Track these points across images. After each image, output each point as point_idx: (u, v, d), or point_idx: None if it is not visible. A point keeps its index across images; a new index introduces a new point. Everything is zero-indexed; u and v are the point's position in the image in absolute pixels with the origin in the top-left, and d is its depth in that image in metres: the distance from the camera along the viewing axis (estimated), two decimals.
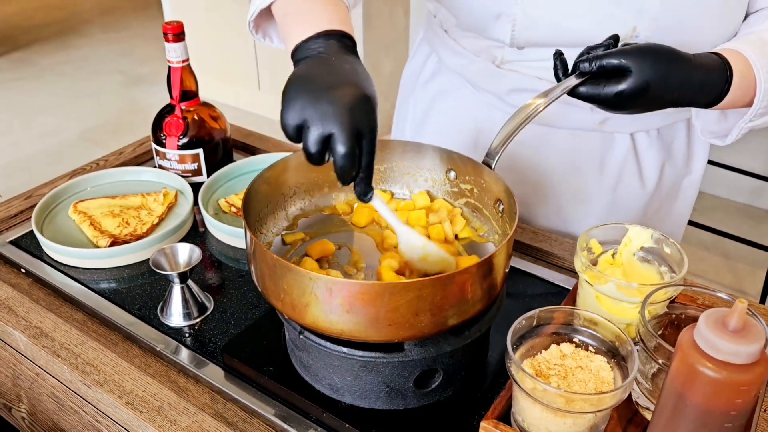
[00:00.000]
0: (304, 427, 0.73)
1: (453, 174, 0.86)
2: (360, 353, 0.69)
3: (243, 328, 0.85)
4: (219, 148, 1.14)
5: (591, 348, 0.68)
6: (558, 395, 0.61)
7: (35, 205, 1.04)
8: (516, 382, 0.63)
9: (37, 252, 0.99)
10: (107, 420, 0.81)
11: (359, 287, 0.63)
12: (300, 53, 0.71)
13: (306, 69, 0.68)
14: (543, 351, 0.68)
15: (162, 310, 0.87)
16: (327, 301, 0.64)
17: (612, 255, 0.80)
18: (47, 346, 0.83)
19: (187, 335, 0.84)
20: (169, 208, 1.08)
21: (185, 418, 0.74)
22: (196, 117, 1.11)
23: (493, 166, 0.80)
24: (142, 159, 1.25)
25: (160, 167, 1.14)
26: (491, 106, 1.03)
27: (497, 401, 0.68)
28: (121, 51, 4.39)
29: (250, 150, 1.28)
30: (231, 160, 1.18)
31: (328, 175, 0.88)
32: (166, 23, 1.06)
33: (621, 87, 0.75)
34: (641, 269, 0.79)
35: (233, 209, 1.06)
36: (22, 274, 0.96)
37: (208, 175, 1.13)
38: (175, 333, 0.85)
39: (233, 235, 1.00)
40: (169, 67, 1.08)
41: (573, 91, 0.78)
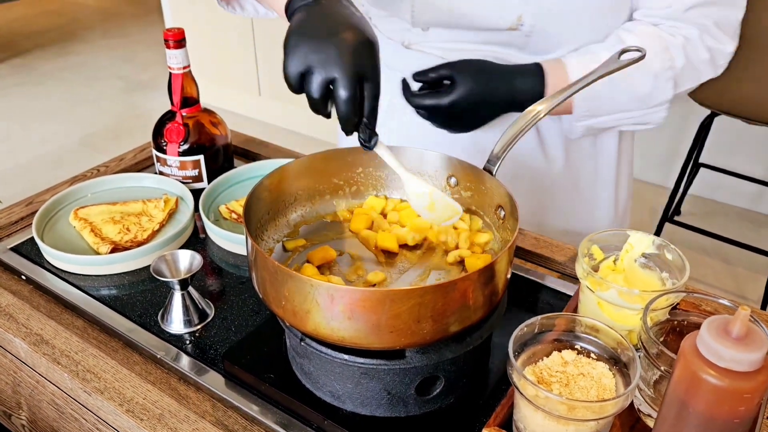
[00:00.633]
0: None
1: (454, 180, 0.86)
2: (361, 360, 0.69)
3: (244, 335, 0.85)
4: (220, 154, 1.14)
5: (593, 355, 0.68)
6: (560, 402, 0.61)
7: (36, 212, 1.04)
8: (518, 389, 0.63)
9: (38, 259, 0.99)
10: (107, 428, 0.81)
11: (361, 294, 0.63)
12: (294, 4, 0.71)
13: (304, 18, 0.68)
14: (545, 358, 0.68)
15: (162, 317, 0.87)
16: (328, 308, 0.64)
17: (613, 261, 0.80)
18: (47, 353, 0.83)
19: (188, 342, 0.84)
20: (170, 214, 1.08)
21: (186, 425, 0.74)
22: (197, 123, 1.11)
23: (494, 172, 0.80)
24: (142, 165, 1.25)
25: (160, 173, 1.14)
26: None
27: (499, 408, 0.68)
28: (122, 57, 4.40)
29: (250, 156, 1.28)
30: (232, 166, 1.18)
31: (329, 182, 0.88)
32: (167, 30, 1.06)
33: (452, 96, 0.87)
34: (643, 275, 0.79)
35: (234, 216, 1.06)
36: (22, 280, 0.96)
37: (208, 182, 1.13)
38: (176, 340, 0.84)
39: (234, 242, 0.99)
40: (170, 74, 1.08)
41: (417, 105, 0.90)
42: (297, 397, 0.74)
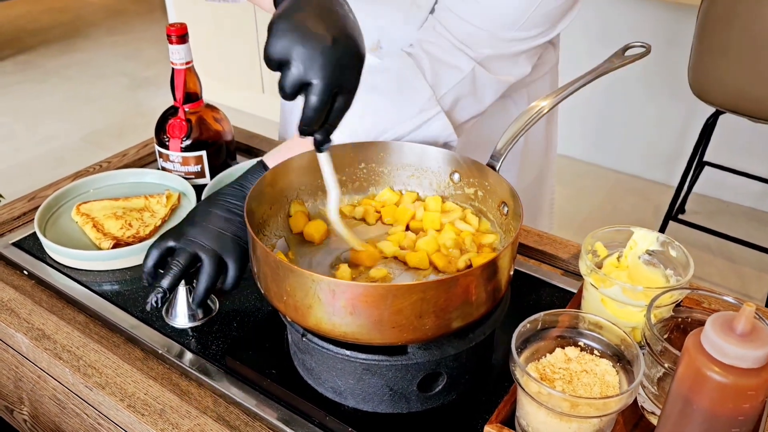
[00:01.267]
0: (306, 431, 0.72)
1: (457, 176, 0.85)
2: (363, 356, 0.69)
3: (245, 330, 0.84)
4: (222, 150, 1.14)
5: (596, 352, 0.68)
6: (563, 399, 0.60)
7: (38, 207, 1.04)
8: (520, 385, 0.63)
9: (40, 254, 0.99)
10: (109, 423, 0.81)
11: (363, 289, 0.63)
12: None
13: (296, 3, 0.63)
14: (548, 354, 0.68)
15: (167, 311, 0.86)
16: (330, 303, 0.64)
17: (617, 258, 0.79)
18: (49, 348, 0.83)
19: (190, 338, 0.84)
20: (173, 210, 1.08)
21: (187, 421, 0.74)
22: (199, 119, 1.11)
23: (498, 168, 0.79)
24: (145, 161, 1.25)
25: (163, 169, 1.14)
26: None
27: (501, 405, 0.68)
28: (126, 54, 4.40)
29: (253, 152, 1.27)
30: (234, 162, 1.18)
31: None
32: (169, 25, 1.05)
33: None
34: (646, 272, 0.78)
35: None
36: (24, 275, 0.96)
37: (211, 178, 1.12)
38: (177, 335, 0.84)
39: None
40: (173, 69, 1.08)
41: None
42: (299, 393, 0.74)
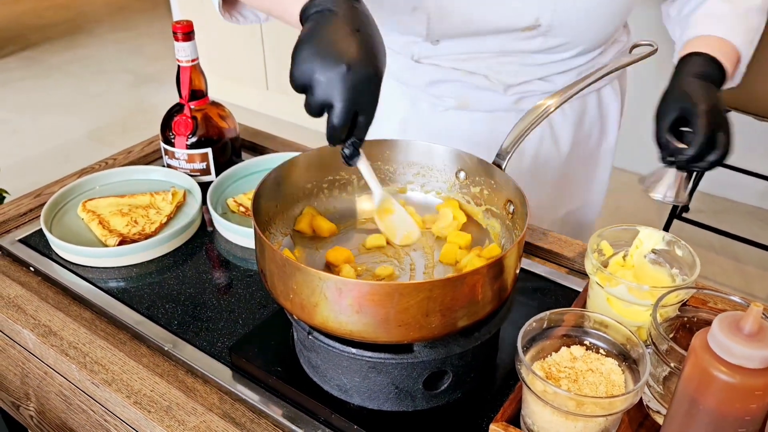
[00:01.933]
0: (312, 428, 0.72)
1: (463, 175, 0.85)
2: (369, 354, 0.69)
3: (251, 328, 0.85)
4: (227, 147, 1.14)
5: (602, 351, 0.68)
6: (568, 398, 0.60)
7: (44, 204, 1.04)
8: (526, 384, 0.63)
9: (46, 250, 0.99)
10: (115, 419, 0.81)
11: (369, 288, 0.63)
12: (311, 9, 0.70)
13: (317, 29, 0.67)
14: (553, 353, 0.68)
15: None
16: (336, 302, 0.64)
17: (623, 257, 0.79)
18: (56, 344, 0.83)
19: (195, 334, 0.84)
20: (178, 207, 1.08)
21: (193, 418, 0.74)
22: (205, 116, 1.11)
23: (504, 166, 0.79)
24: (150, 158, 1.25)
25: (168, 166, 1.14)
26: (415, 98, 1.08)
27: (507, 404, 0.68)
28: (130, 50, 4.40)
29: (258, 150, 1.27)
30: (239, 159, 1.18)
31: (337, 175, 0.88)
32: (175, 22, 1.06)
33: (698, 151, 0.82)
34: (652, 271, 0.78)
35: (241, 209, 1.06)
36: (30, 272, 0.96)
37: (216, 175, 1.13)
38: (183, 332, 0.84)
39: (241, 235, 0.99)
40: (179, 66, 1.08)
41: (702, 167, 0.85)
42: (304, 391, 0.74)
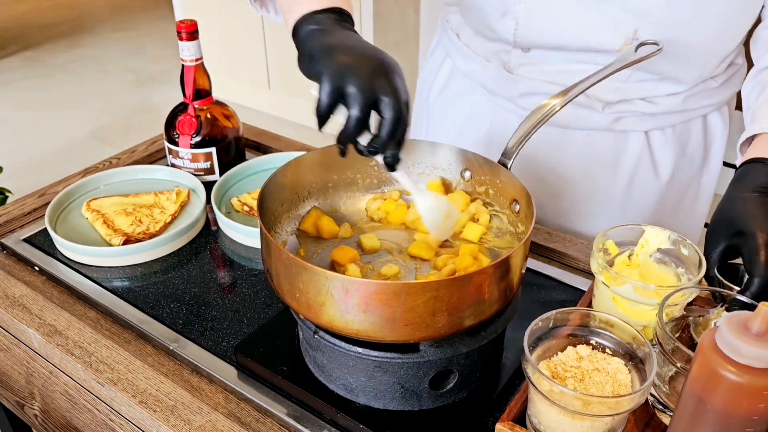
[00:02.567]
0: (317, 428, 0.72)
1: (468, 174, 0.85)
2: (375, 353, 0.69)
3: (256, 327, 0.85)
4: (231, 146, 1.14)
5: (608, 350, 0.68)
6: (575, 398, 0.60)
7: (49, 203, 1.04)
8: (532, 383, 0.63)
9: (51, 250, 0.99)
10: (120, 419, 0.81)
11: (376, 287, 0.63)
12: (305, 26, 0.70)
13: (332, 38, 0.68)
14: (559, 353, 0.67)
15: None
16: (343, 301, 0.64)
17: (628, 256, 0.79)
18: (61, 344, 0.83)
19: (201, 334, 0.84)
20: (182, 206, 1.08)
21: (199, 417, 0.74)
22: (209, 116, 1.11)
23: (509, 165, 0.79)
24: (154, 157, 1.25)
25: (172, 166, 1.14)
26: (505, 109, 1.04)
27: (513, 403, 0.68)
28: (132, 50, 4.40)
29: (262, 149, 1.27)
30: (243, 159, 1.18)
31: (343, 174, 0.88)
32: (179, 22, 1.05)
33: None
34: (658, 271, 0.78)
35: (246, 208, 1.06)
36: (35, 272, 0.96)
37: (220, 174, 1.13)
38: (189, 332, 0.84)
39: (246, 234, 0.99)
40: (183, 66, 1.08)
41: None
42: (310, 390, 0.74)
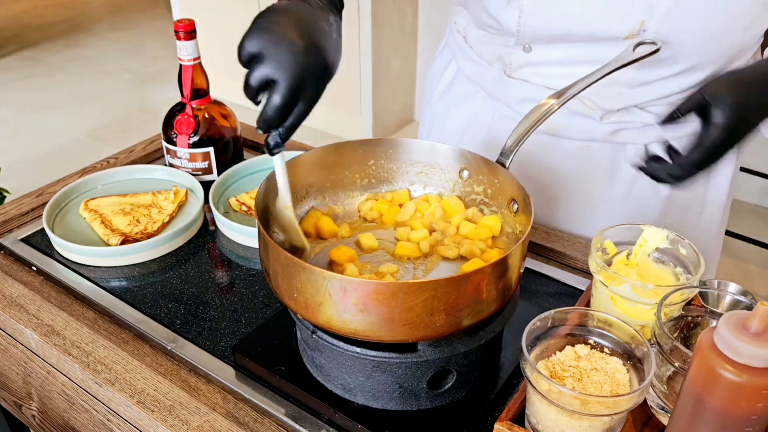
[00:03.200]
0: (316, 428, 0.72)
1: (466, 173, 0.85)
2: (373, 353, 0.69)
3: (254, 327, 0.85)
4: (229, 146, 1.14)
5: (606, 350, 0.68)
6: (573, 397, 0.60)
7: (46, 203, 1.04)
8: (531, 383, 0.62)
9: (48, 250, 0.99)
10: (118, 419, 0.81)
11: (374, 287, 0.63)
12: None
13: (287, 8, 0.68)
14: (558, 352, 0.67)
15: None
16: (341, 301, 0.64)
17: (626, 256, 0.79)
18: (58, 344, 0.83)
19: (198, 334, 0.84)
20: (180, 206, 1.08)
21: (197, 417, 0.74)
22: (207, 115, 1.11)
23: (507, 165, 0.79)
24: (152, 157, 1.25)
25: (170, 165, 1.14)
26: (504, 115, 1.03)
27: (511, 403, 0.68)
28: (130, 49, 4.40)
29: (260, 149, 1.27)
30: (241, 158, 1.18)
31: (341, 174, 0.88)
32: (177, 21, 1.05)
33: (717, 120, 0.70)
34: (656, 270, 0.78)
35: (244, 208, 1.06)
36: (33, 271, 0.96)
37: (218, 174, 1.12)
38: (186, 332, 0.84)
39: (244, 234, 0.99)
40: (180, 65, 1.08)
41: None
42: (308, 390, 0.74)
